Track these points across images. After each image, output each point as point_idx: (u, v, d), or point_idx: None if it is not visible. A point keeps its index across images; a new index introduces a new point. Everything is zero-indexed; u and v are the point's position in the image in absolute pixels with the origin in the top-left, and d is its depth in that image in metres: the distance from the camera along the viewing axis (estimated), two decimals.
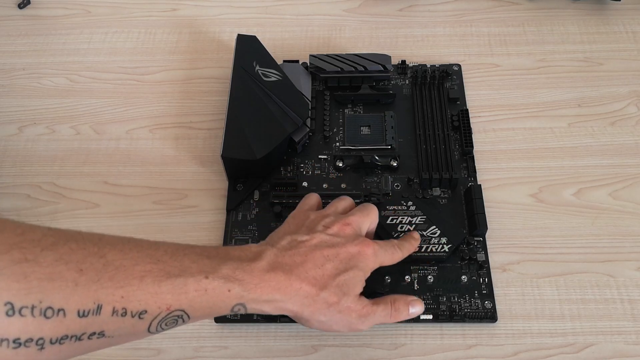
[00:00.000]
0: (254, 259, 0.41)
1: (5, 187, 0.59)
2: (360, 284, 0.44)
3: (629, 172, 0.58)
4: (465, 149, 0.58)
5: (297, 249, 0.43)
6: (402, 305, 0.46)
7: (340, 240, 0.45)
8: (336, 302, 0.43)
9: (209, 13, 0.72)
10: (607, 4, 0.70)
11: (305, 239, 0.44)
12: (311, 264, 0.42)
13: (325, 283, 0.42)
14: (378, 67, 0.62)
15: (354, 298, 0.44)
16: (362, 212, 0.48)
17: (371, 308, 0.45)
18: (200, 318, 0.40)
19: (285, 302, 0.41)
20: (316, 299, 0.42)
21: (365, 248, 0.45)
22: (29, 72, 0.67)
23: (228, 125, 0.56)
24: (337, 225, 0.45)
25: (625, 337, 0.50)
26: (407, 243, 0.49)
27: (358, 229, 0.46)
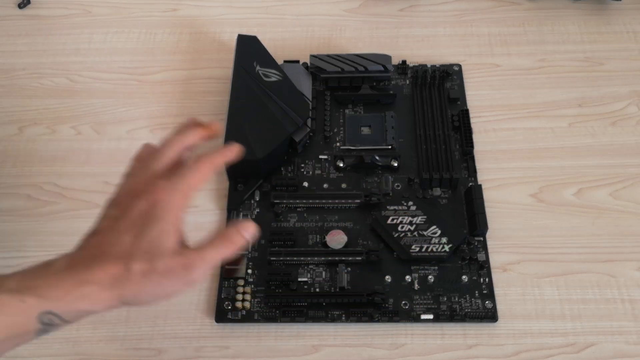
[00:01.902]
0: (45, 266, 0.38)
1: (6, 187, 0.59)
2: (170, 235, 0.38)
3: (630, 172, 0.58)
4: (465, 149, 0.58)
5: (90, 241, 0.39)
6: (233, 233, 0.40)
7: (127, 203, 0.40)
8: (150, 268, 0.37)
9: (210, 13, 0.72)
10: (608, 3, 0.70)
11: (98, 228, 0.40)
12: (107, 245, 0.38)
13: (129, 255, 0.38)
14: (378, 67, 0.62)
15: (170, 254, 0.38)
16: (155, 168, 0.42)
17: (197, 254, 0.39)
18: (13, 341, 0.37)
19: (99, 292, 0.37)
20: (128, 275, 0.37)
21: (153, 194, 0.39)
22: (30, 72, 0.67)
23: (229, 126, 0.56)
24: (126, 194, 0.41)
25: (626, 337, 0.50)
26: (218, 151, 0.43)
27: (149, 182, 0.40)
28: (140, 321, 0.51)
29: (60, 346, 0.50)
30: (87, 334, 0.51)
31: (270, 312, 0.51)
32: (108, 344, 0.50)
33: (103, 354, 0.50)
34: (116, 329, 0.51)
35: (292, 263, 0.53)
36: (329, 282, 0.52)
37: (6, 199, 0.58)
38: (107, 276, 0.37)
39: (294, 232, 0.54)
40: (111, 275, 0.37)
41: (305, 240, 0.54)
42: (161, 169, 0.41)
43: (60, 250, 0.54)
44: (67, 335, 0.51)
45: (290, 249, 0.53)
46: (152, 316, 0.51)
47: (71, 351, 0.50)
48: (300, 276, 0.52)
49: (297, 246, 0.54)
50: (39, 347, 0.50)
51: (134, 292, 0.38)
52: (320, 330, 0.50)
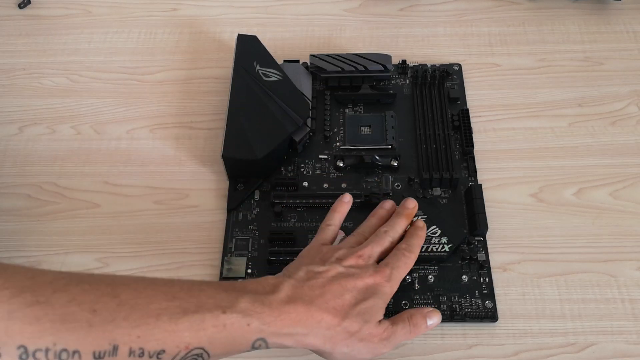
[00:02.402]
0: (271, 291, 0.41)
1: (6, 187, 0.59)
2: (381, 311, 0.44)
3: (630, 171, 0.58)
4: (465, 148, 0.58)
5: (315, 280, 0.43)
6: (420, 320, 0.46)
7: (355, 271, 0.44)
8: (357, 330, 0.42)
9: (210, 13, 0.72)
10: (608, 3, 0.70)
11: (322, 270, 0.44)
12: (330, 294, 0.42)
13: (346, 312, 0.42)
14: (378, 66, 0.62)
15: (375, 324, 0.43)
16: (375, 243, 0.47)
17: (391, 329, 0.44)
18: (220, 356, 0.39)
19: (307, 335, 0.41)
20: (338, 329, 0.41)
21: (379, 279, 0.44)
22: (30, 72, 0.67)
23: (228, 125, 0.56)
24: (351, 258, 0.45)
25: (626, 337, 0.50)
26: (414, 239, 0.48)
27: (370, 258, 0.46)
28: None
29: None
30: None
31: None
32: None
33: None
34: None
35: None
36: None
37: (6, 199, 0.58)
38: (321, 324, 0.41)
39: (294, 231, 0.54)
40: (325, 324, 0.41)
41: (305, 240, 0.54)
42: (379, 252, 0.47)
43: (60, 250, 0.55)
44: None
45: (290, 249, 0.53)
46: None
47: None
48: None
49: (297, 246, 0.54)
50: None
51: (332, 348, 0.42)
52: None
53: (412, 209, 0.50)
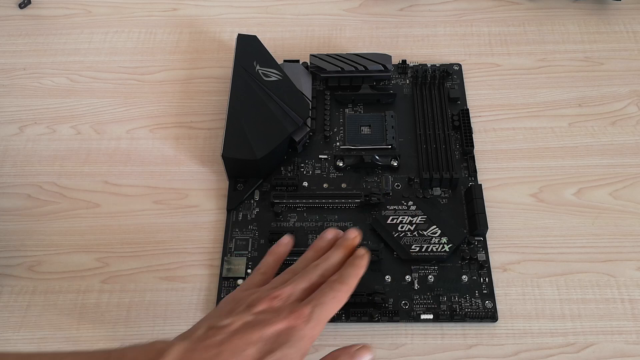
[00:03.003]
0: (157, 355, 0.35)
1: (6, 187, 0.59)
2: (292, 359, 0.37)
3: (630, 171, 0.58)
4: (465, 148, 0.58)
5: (213, 338, 0.37)
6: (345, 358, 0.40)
7: (265, 317, 0.38)
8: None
9: (210, 13, 0.72)
10: (608, 3, 0.70)
11: (225, 324, 0.38)
12: (228, 353, 0.36)
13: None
14: (378, 66, 0.62)
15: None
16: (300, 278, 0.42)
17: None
18: None
19: None
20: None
21: (294, 320, 0.38)
22: (30, 72, 0.67)
23: (228, 125, 0.56)
24: (264, 301, 0.39)
25: (625, 337, 0.50)
26: (350, 269, 0.42)
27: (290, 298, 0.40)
28: (140, 321, 0.51)
29: (60, 346, 0.50)
30: (87, 333, 0.51)
31: None
32: (108, 343, 0.50)
33: None
34: (116, 329, 0.51)
35: (292, 263, 0.53)
36: None
37: (6, 198, 0.58)
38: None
39: (294, 231, 0.54)
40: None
41: (305, 240, 0.54)
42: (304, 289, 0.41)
43: (60, 250, 0.55)
44: (67, 335, 0.51)
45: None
46: (152, 316, 0.51)
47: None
48: None
49: (296, 246, 0.53)
50: (39, 347, 0.50)
51: None
52: None
53: (353, 239, 0.45)
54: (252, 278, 0.44)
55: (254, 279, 0.44)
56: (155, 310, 0.52)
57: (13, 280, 0.53)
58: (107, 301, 0.52)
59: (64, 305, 0.52)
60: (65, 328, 0.51)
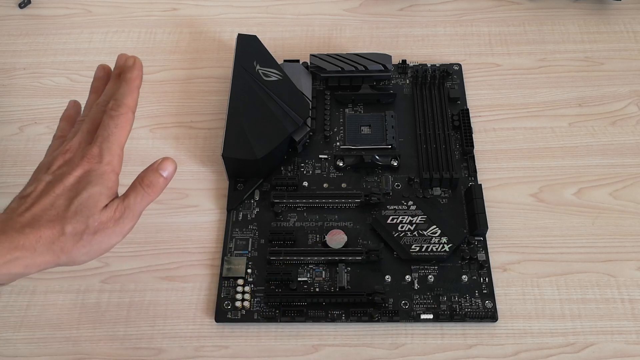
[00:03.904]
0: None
1: (6, 186, 0.59)
2: (102, 196, 0.40)
3: (630, 171, 0.58)
4: (465, 148, 0.58)
5: (24, 205, 0.40)
6: (153, 177, 0.42)
7: (64, 170, 0.41)
8: (84, 228, 0.39)
9: (210, 13, 0.72)
10: (608, 3, 0.70)
11: (30, 191, 0.41)
12: (40, 210, 0.39)
13: (63, 218, 0.39)
14: (378, 66, 0.62)
15: (100, 212, 0.40)
16: (84, 124, 0.43)
17: (123, 205, 0.41)
18: None
19: (32, 256, 0.38)
20: (62, 238, 0.39)
21: (88, 164, 0.41)
22: (30, 71, 0.67)
23: (228, 125, 0.56)
24: (58, 159, 0.42)
25: (625, 337, 0.50)
26: (122, 88, 0.44)
27: (80, 147, 0.42)
28: (140, 321, 0.51)
29: (60, 346, 0.50)
30: (87, 333, 0.51)
31: (270, 311, 0.51)
32: (108, 343, 0.50)
33: (103, 354, 0.50)
34: (116, 329, 0.51)
35: (291, 263, 0.53)
36: (328, 282, 0.52)
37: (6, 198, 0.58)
38: (42, 240, 0.39)
39: (294, 231, 0.54)
40: (46, 239, 0.39)
41: (305, 239, 0.54)
42: (89, 130, 0.43)
43: None
44: (67, 335, 0.51)
45: (290, 249, 0.53)
46: (151, 316, 0.51)
47: (71, 351, 0.50)
48: (300, 276, 0.52)
49: (296, 246, 0.54)
50: (39, 347, 0.50)
51: (69, 254, 0.40)
52: (320, 330, 0.50)
53: (123, 64, 0.45)
54: (50, 147, 0.45)
55: (52, 146, 0.45)
56: (155, 310, 0.52)
57: None
58: (107, 301, 0.52)
59: (64, 305, 0.52)
60: (65, 328, 0.51)
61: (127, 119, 0.43)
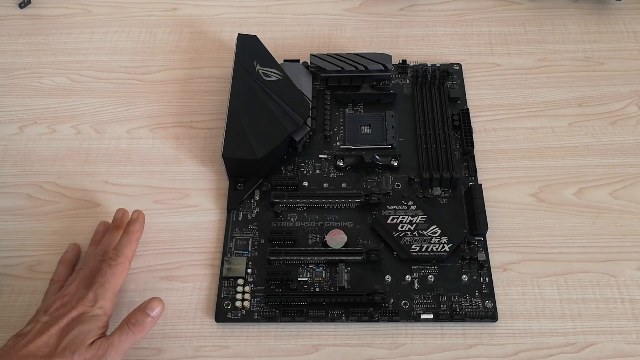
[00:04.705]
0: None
1: (6, 186, 0.59)
2: (91, 333, 0.44)
3: (630, 171, 0.58)
4: (465, 148, 0.58)
5: (20, 343, 0.44)
6: (140, 317, 0.46)
7: (60, 312, 0.45)
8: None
9: (210, 12, 0.72)
10: (608, 3, 0.70)
11: (28, 330, 0.45)
12: (34, 347, 0.43)
13: (53, 354, 0.43)
14: (379, 66, 0.62)
15: (85, 349, 0.44)
16: (82, 271, 0.49)
17: (106, 343, 0.44)
18: None
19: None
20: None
21: (82, 308, 0.45)
22: (30, 71, 0.67)
23: (229, 125, 0.56)
24: (56, 302, 0.46)
25: (625, 337, 0.50)
26: (123, 239, 0.49)
27: (78, 292, 0.47)
28: None
29: None
30: None
31: (270, 311, 0.51)
32: None
33: None
34: None
35: (291, 262, 0.53)
36: (328, 282, 0.52)
37: (6, 198, 0.58)
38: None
39: (294, 231, 0.54)
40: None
41: (305, 239, 0.54)
42: (86, 276, 0.48)
43: (60, 249, 0.54)
44: None
45: (290, 249, 0.53)
46: None
47: None
48: (300, 276, 0.52)
49: (297, 246, 0.54)
50: None
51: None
52: (320, 330, 0.50)
53: (122, 217, 0.51)
54: (48, 291, 0.50)
55: (50, 290, 0.50)
56: None
57: (13, 280, 0.53)
58: None
59: None
60: None
61: (124, 268, 0.48)
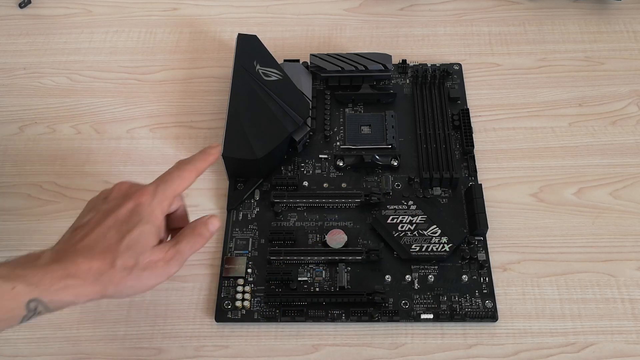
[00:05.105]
0: (33, 258, 0.40)
1: (6, 186, 0.59)
2: (152, 235, 0.42)
3: (630, 171, 0.58)
4: (465, 148, 0.58)
5: (77, 235, 0.42)
6: (202, 229, 0.44)
7: (118, 201, 0.43)
8: (134, 264, 0.41)
9: (210, 12, 0.72)
10: (608, 3, 0.70)
11: (86, 221, 0.42)
12: (93, 241, 0.41)
13: (114, 251, 0.41)
14: (379, 66, 0.62)
15: (151, 250, 0.42)
16: None
17: (174, 249, 0.43)
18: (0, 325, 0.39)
19: (83, 286, 0.40)
20: (113, 271, 0.40)
21: (140, 197, 0.43)
22: (30, 71, 0.67)
23: (229, 125, 0.56)
24: (115, 189, 0.44)
25: (625, 337, 0.50)
26: (200, 154, 0.47)
27: (134, 185, 0.45)
28: (140, 320, 0.51)
29: (61, 345, 0.50)
30: (87, 333, 0.51)
31: (270, 311, 0.51)
32: (108, 343, 0.50)
33: (103, 354, 0.50)
34: (116, 329, 0.51)
35: (292, 262, 0.53)
36: (329, 282, 0.52)
37: (6, 198, 0.58)
38: (92, 271, 0.40)
39: (294, 231, 0.54)
40: (96, 270, 0.40)
41: (305, 239, 0.54)
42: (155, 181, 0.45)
43: None
44: (67, 334, 0.51)
45: (290, 249, 0.53)
46: (152, 315, 0.51)
47: (71, 350, 0.50)
48: (300, 275, 0.52)
49: (297, 245, 0.54)
50: (39, 347, 0.50)
51: (116, 287, 0.41)
52: (320, 330, 0.50)
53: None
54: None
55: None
56: (156, 310, 0.52)
57: None
58: (107, 301, 0.52)
59: None
60: (65, 328, 0.51)
61: (190, 176, 0.46)
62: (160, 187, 0.44)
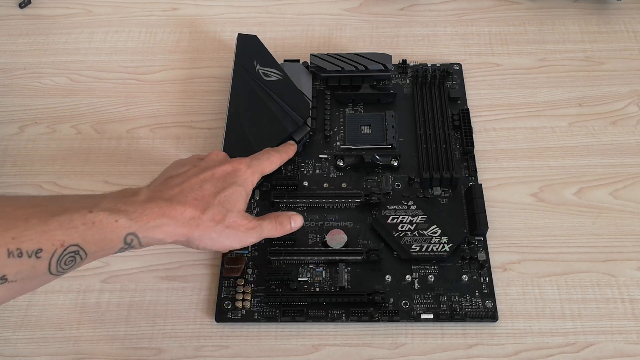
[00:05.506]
0: (132, 194, 0.43)
1: (6, 186, 0.59)
2: (242, 199, 0.47)
3: (630, 171, 0.58)
4: (466, 148, 0.58)
5: (172, 182, 0.46)
6: (285, 220, 0.50)
7: (212, 163, 0.48)
8: (222, 218, 0.45)
9: (210, 12, 0.72)
10: (608, 3, 0.70)
11: (180, 172, 0.47)
12: (189, 188, 0.45)
13: (207, 202, 0.45)
14: (379, 66, 0.62)
15: (239, 214, 0.46)
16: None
17: (257, 222, 0.47)
18: (98, 255, 0.41)
19: (174, 225, 0.43)
20: (202, 218, 0.44)
21: (238, 165, 0.48)
22: (30, 71, 0.67)
23: (229, 125, 0.56)
24: (209, 156, 0.49)
25: (626, 337, 0.50)
26: (284, 147, 0.54)
27: (228, 157, 0.50)
28: (140, 321, 0.51)
29: (61, 345, 0.50)
30: (87, 333, 0.51)
31: (270, 311, 0.51)
32: (108, 343, 0.50)
33: (103, 354, 0.50)
34: (116, 329, 0.51)
35: (292, 262, 0.53)
36: (329, 282, 0.52)
37: None
38: (185, 215, 0.44)
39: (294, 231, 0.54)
40: (189, 215, 0.44)
41: (305, 239, 0.54)
42: None
43: None
44: (67, 334, 0.51)
45: (290, 249, 0.53)
46: (152, 315, 0.51)
47: (71, 350, 0.50)
48: (300, 276, 0.52)
49: (297, 246, 0.54)
50: (39, 347, 0.50)
51: (201, 235, 0.44)
52: (321, 330, 0.50)
53: None
54: None
55: None
56: (156, 310, 0.52)
57: None
58: (107, 301, 0.52)
59: (64, 305, 0.52)
60: (65, 328, 0.51)
61: (277, 161, 0.52)
62: (254, 162, 0.49)
